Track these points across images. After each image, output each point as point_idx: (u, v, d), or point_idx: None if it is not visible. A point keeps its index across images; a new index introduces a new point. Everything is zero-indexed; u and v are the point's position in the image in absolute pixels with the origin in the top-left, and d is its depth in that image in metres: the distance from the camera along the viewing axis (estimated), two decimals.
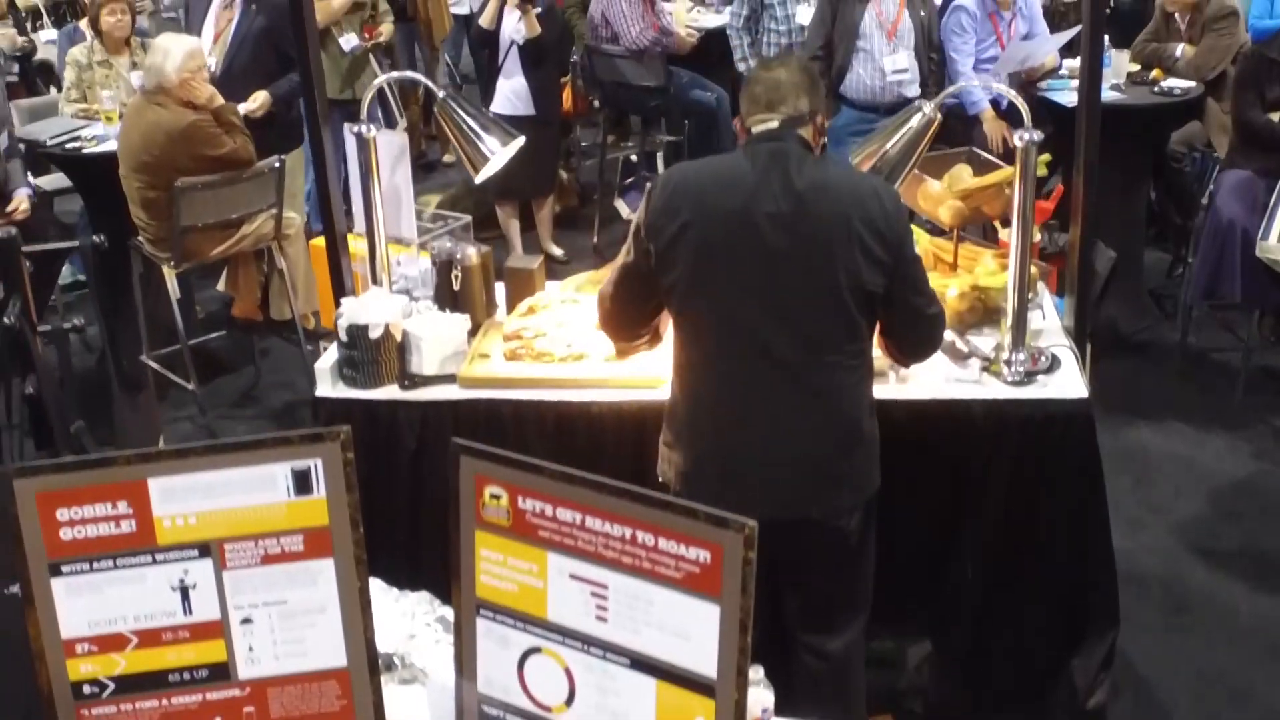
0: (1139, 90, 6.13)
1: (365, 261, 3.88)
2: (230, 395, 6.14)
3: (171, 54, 5.25)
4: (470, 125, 3.60)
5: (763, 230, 2.87)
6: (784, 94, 2.96)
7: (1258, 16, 6.86)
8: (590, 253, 7.64)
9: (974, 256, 3.88)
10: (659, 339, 3.11)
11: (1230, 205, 5.45)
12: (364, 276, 3.92)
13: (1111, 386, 5.81)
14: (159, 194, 5.31)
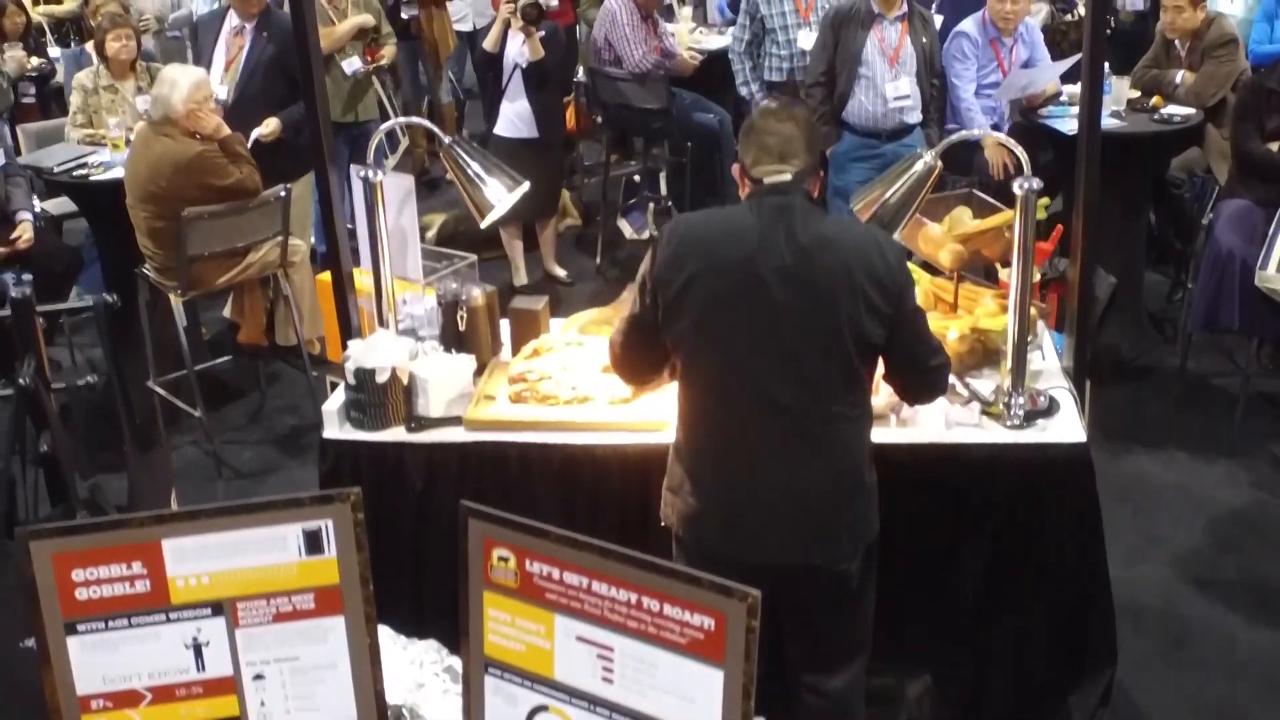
0: (1139, 117, 6.16)
1: (371, 297, 3.92)
2: (236, 420, 6.19)
3: (179, 85, 5.29)
4: (475, 171, 3.64)
5: (768, 283, 2.91)
6: (796, 147, 3.00)
7: (1258, 41, 6.90)
8: (594, 274, 7.68)
9: (974, 297, 3.91)
10: (673, 377, 3.14)
11: (1229, 235, 5.48)
12: (370, 313, 3.96)
13: (1112, 413, 5.87)
14: (166, 224, 5.35)
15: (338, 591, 2.48)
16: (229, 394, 6.37)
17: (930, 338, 3.08)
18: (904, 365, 3.06)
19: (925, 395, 3.22)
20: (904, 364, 3.05)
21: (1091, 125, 3.48)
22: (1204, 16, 6.33)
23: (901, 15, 6.15)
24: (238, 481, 5.69)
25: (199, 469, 5.77)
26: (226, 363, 6.29)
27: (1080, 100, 3.59)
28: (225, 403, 6.31)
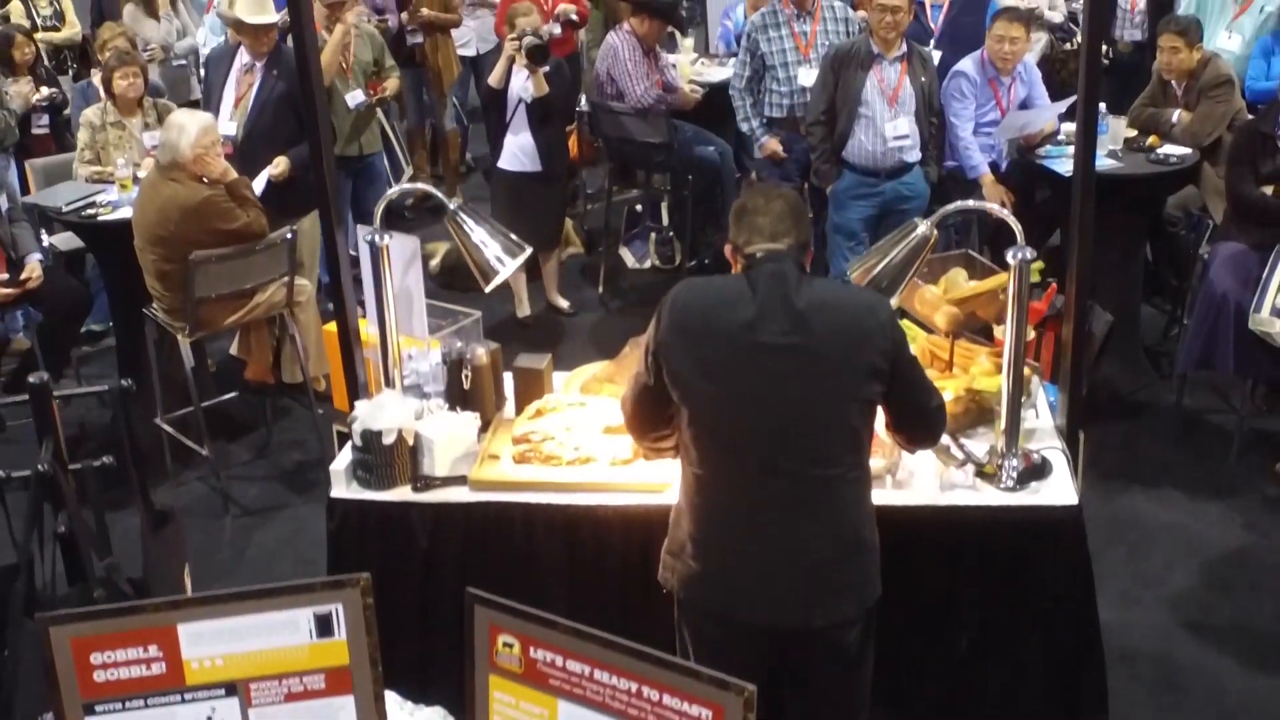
0: (1135, 157, 6.23)
1: (377, 348, 3.99)
2: (242, 455, 6.26)
3: (187, 130, 5.36)
4: (479, 238, 3.71)
5: (767, 349, 2.98)
6: (786, 225, 3.08)
7: (1254, 78, 6.96)
8: (596, 304, 7.75)
9: (970, 354, 3.99)
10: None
11: (1223, 278, 5.55)
12: (375, 364, 4.03)
13: (1108, 451, 5.94)
14: (174, 266, 5.43)
15: (347, 672, 2.56)
16: (235, 428, 6.44)
17: (925, 381, 3.18)
18: (905, 414, 3.16)
19: (928, 439, 3.31)
20: (905, 412, 3.16)
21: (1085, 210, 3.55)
22: (1200, 57, 6.39)
23: (901, 56, 6.22)
24: (244, 518, 5.77)
25: (206, 505, 5.85)
26: (233, 398, 6.35)
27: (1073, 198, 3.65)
28: (232, 437, 6.38)
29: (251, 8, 6.50)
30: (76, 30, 9.46)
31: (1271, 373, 5.67)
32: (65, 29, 9.34)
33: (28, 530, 2.67)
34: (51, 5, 9.36)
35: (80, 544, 2.74)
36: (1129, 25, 8.20)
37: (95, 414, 6.65)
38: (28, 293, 5.90)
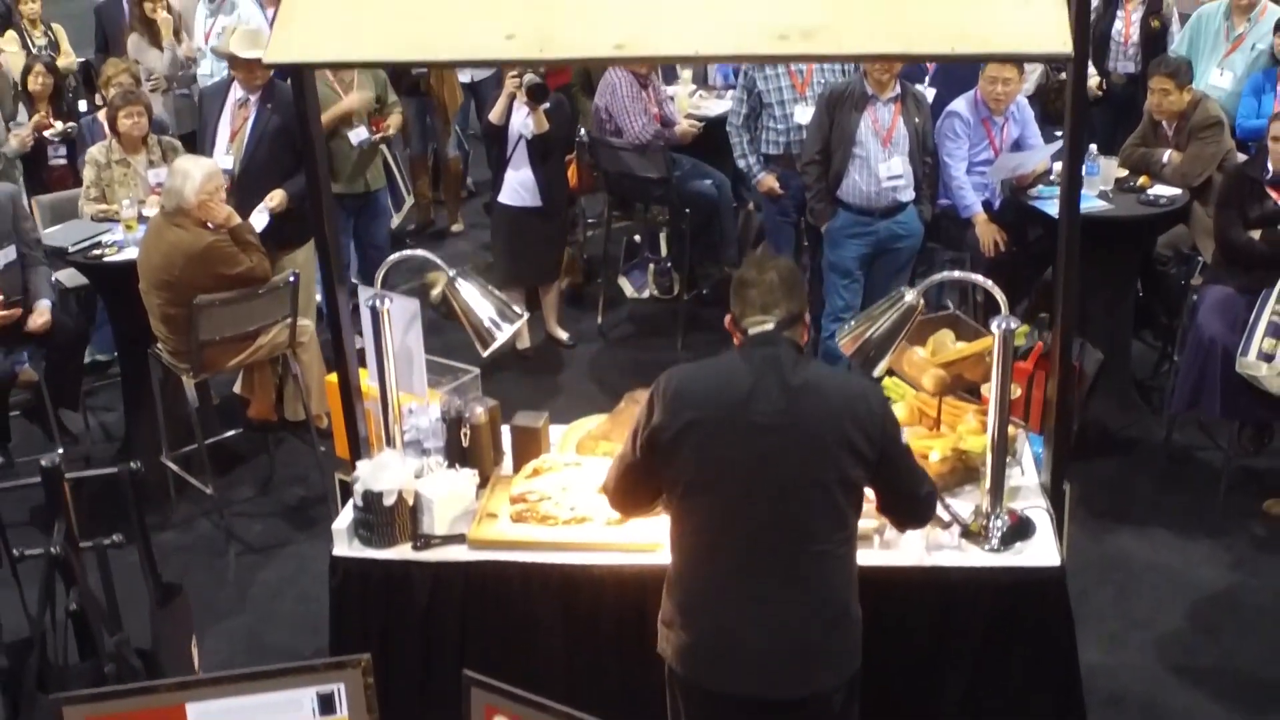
0: (1126, 198, 6.31)
1: (378, 400, 4.08)
2: (246, 490, 6.36)
3: (191, 177, 5.45)
4: (478, 304, 3.81)
5: (759, 430, 3.08)
6: (777, 298, 3.19)
7: (1245, 116, 7.04)
8: (595, 334, 7.84)
9: (957, 412, 4.08)
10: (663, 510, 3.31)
11: (1211, 322, 5.64)
12: (376, 415, 4.12)
13: (1098, 489, 6.04)
14: (178, 310, 5.52)
15: None
16: (239, 463, 6.53)
17: (916, 469, 3.27)
18: (894, 499, 3.26)
19: (917, 523, 3.44)
20: (894, 498, 3.25)
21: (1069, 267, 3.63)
22: (1190, 98, 6.47)
23: (895, 97, 6.31)
24: (247, 555, 5.86)
25: (209, 543, 5.94)
26: (237, 434, 6.45)
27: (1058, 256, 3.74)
28: (235, 473, 6.47)
29: (244, 42, 6.59)
30: (72, 60, 9.52)
31: (1258, 415, 5.76)
32: (61, 59, 9.38)
33: (41, 608, 2.77)
34: (46, 35, 9.43)
35: (91, 620, 2.84)
36: (1123, 58, 8.27)
37: (101, 448, 6.76)
38: (28, 333, 5.98)
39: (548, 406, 6.97)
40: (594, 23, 3.30)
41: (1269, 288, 5.52)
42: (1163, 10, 8.23)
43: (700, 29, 3.27)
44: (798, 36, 3.25)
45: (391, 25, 3.39)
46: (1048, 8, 3.23)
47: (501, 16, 3.34)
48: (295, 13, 3.45)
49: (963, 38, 3.21)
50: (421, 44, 3.38)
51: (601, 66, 7.59)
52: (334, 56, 3.52)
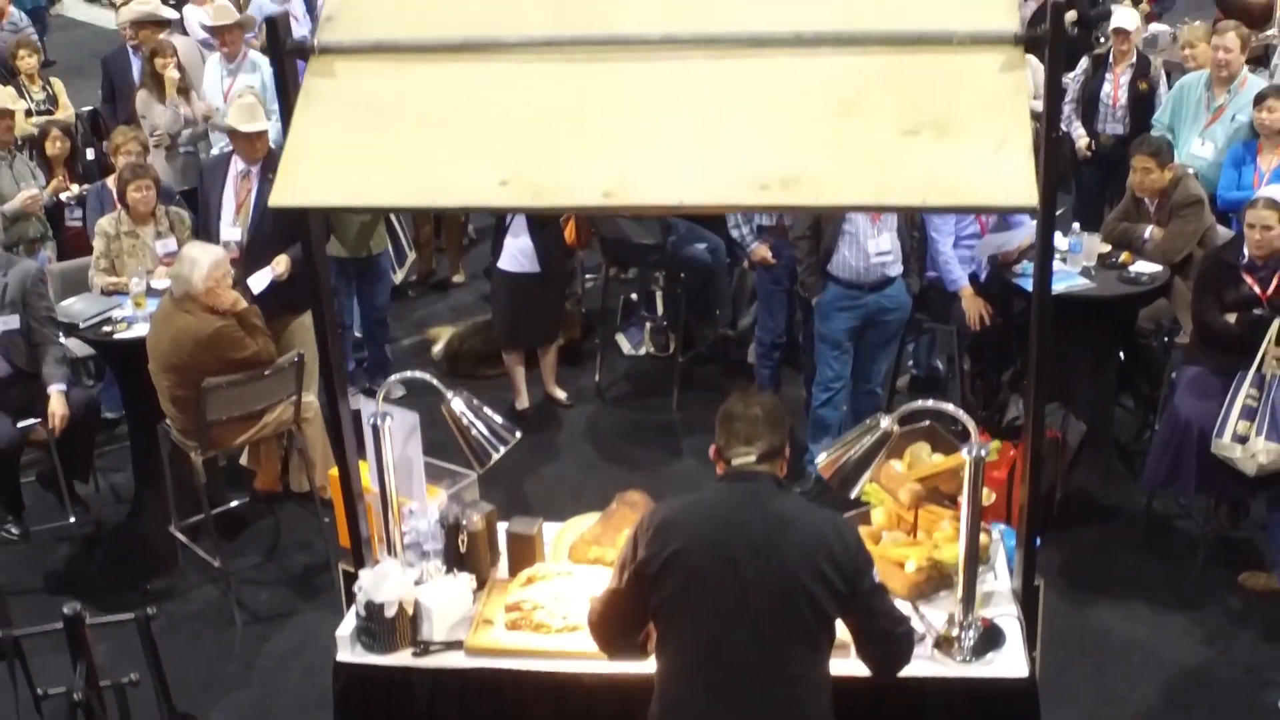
0: (1108, 276, 6.48)
1: (377, 496, 4.26)
2: (252, 556, 6.54)
3: (199, 264, 5.64)
4: (476, 427, 3.99)
5: (738, 561, 3.27)
6: (760, 431, 3.38)
7: (1226, 187, 7.20)
8: (593, 394, 8.01)
9: (934, 518, 4.25)
10: (647, 654, 3.49)
11: (1187, 403, 5.81)
12: (376, 509, 4.30)
13: (1079, 557, 6.24)
14: (187, 392, 5.71)
15: None
16: (245, 527, 6.72)
17: (891, 610, 3.43)
18: (870, 639, 3.42)
19: (895, 665, 3.51)
20: (869, 637, 3.41)
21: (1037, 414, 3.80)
22: (1171, 176, 6.65)
23: None
24: (254, 625, 6.05)
25: (217, 611, 6.13)
26: (244, 503, 6.63)
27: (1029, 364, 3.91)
28: (242, 536, 6.66)
29: (243, 116, 6.78)
30: (70, 113, 9.68)
31: (1233, 492, 5.94)
32: (59, 111, 9.57)
33: None
34: (44, 90, 9.59)
35: None
36: (1111, 120, 8.45)
37: (111, 511, 6.95)
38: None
39: (545, 470, 7.23)
40: (583, 171, 3.48)
41: (1244, 370, 5.70)
42: (1150, 73, 8.41)
43: (684, 178, 3.44)
44: (778, 186, 3.42)
45: (391, 170, 3.57)
46: (1015, 159, 3.39)
47: (497, 162, 3.52)
48: (299, 156, 3.63)
49: (934, 189, 3.38)
50: (420, 189, 3.56)
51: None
52: (337, 201, 3.70)
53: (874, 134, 3.47)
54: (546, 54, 3.70)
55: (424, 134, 3.62)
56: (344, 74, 3.77)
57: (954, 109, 3.49)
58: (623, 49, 3.68)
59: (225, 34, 8.85)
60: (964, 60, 3.58)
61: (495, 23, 3.76)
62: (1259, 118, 7.05)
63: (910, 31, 3.60)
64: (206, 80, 8.92)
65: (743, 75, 3.62)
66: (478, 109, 3.65)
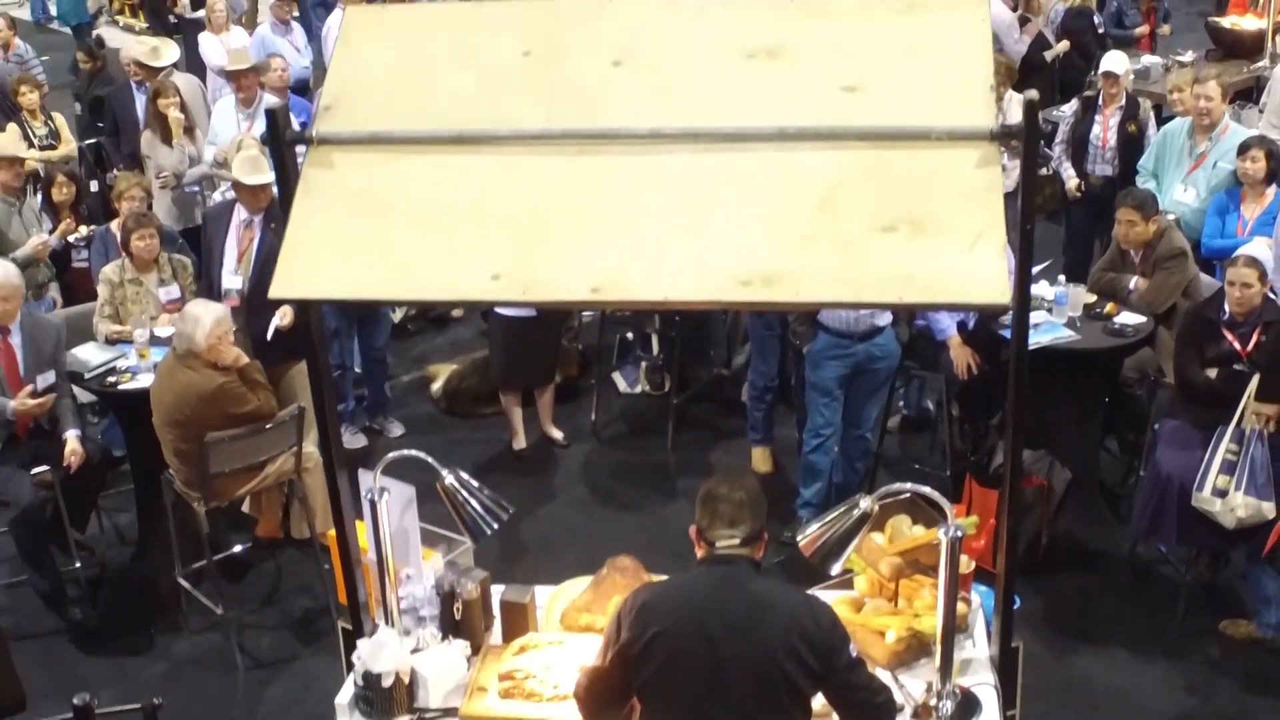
0: (1093, 327, 6.61)
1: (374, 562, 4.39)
2: (253, 601, 6.67)
3: (202, 322, 5.77)
4: (470, 505, 4.11)
5: (717, 641, 3.41)
6: (743, 516, 3.52)
7: (1210, 235, 7.33)
8: (589, 434, 8.14)
9: (916, 585, 4.38)
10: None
11: (1169, 457, 5.94)
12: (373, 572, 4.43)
13: (1064, 604, 6.38)
14: (190, 446, 5.85)
15: None
16: (248, 570, 6.85)
17: (870, 681, 3.58)
18: (850, 710, 3.56)
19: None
20: (850, 709, 3.55)
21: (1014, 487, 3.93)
22: (1155, 228, 6.77)
23: None
24: (256, 671, 6.19)
25: (219, 656, 6.26)
26: (246, 549, 6.76)
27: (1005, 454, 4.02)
28: (245, 579, 6.80)
29: (247, 168, 6.92)
30: (72, 147, 9.81)
31: (1213, 543, 6.06)
32: (62, 146, 9.70)
33: None
34: (47, 125, 9.72)
35: None
36: (1100, 161, 8.56)
37: (116, 553, 7.09)
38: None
39: (541, 512, 7.36)
40: (572, 266, 3.61)
41: (1224, 424, 5.84)
42: (1139, 116, 8.54)
43: (669, 275, 3.57)
44: (759, 283, 3.55)
45: (387, 263, 3.69)
46: (989, 257, 3.51)
47: (489, 256, 3.64)
48: (299, 248, 3.77)
49: (909, 287, 3.50)
50: (415, 284, 3.69)
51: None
52: (335, 294, 3.83)
53: (853, 230, 3.59)
54: (538, 147, 3.82)
55: (419, 227, 3.75)
56: (341, 165, 3.90)
57: (931, 205, 3.61)
58: (612, 142, 3.80)
59: (241, 78, 8.98)
60: (941, 156, 3.70)
61: (489, 115, 3.88)
62: (1242, 167, 7.17)
63: (890, 128, 3.72)
64: (221, 124, 8.96)
65: (727, 170, 3.74)
66: (471, 202, 3.77)
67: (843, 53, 3.89)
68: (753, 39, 3.93)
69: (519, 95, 3.90)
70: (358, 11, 4.27)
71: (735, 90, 3.84)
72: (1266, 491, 5.67)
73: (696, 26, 4.00)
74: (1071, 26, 11.45)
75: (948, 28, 3.92)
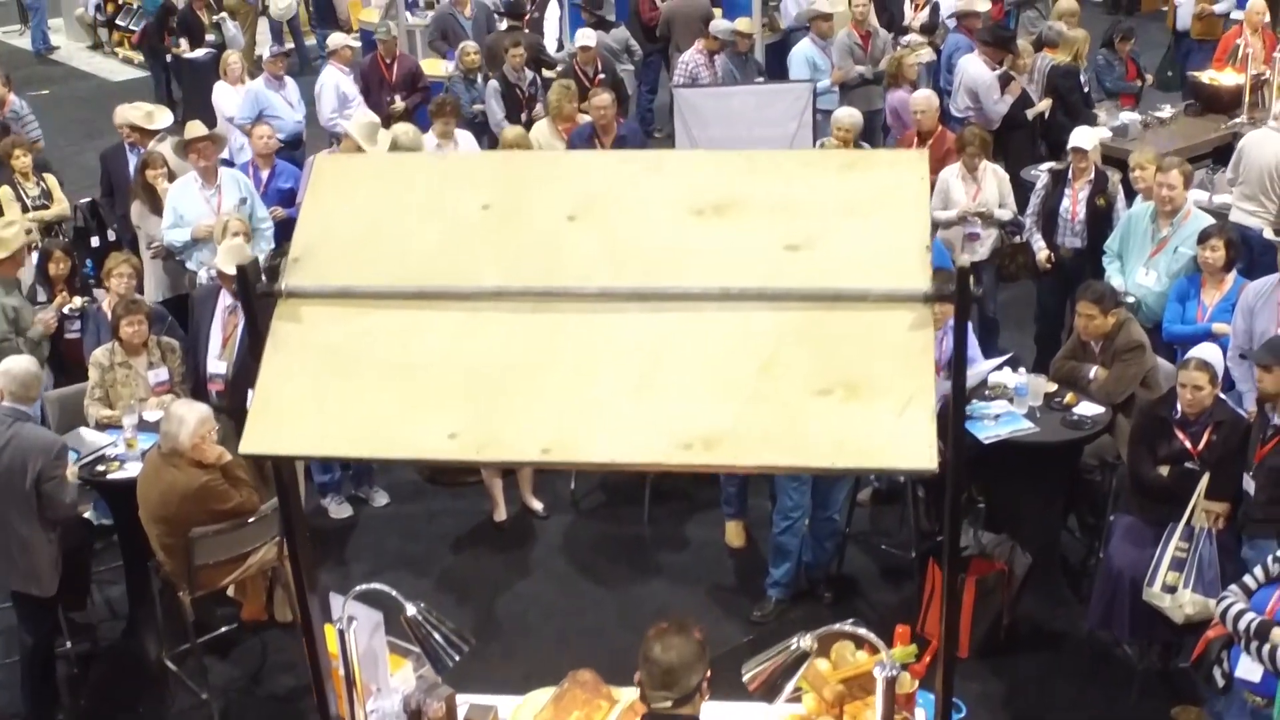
0: (1052, 419, 6.78)
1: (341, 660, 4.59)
2: (239, 679, 6.89)
3: (186, 422, 5.98)
4: (433, 637, 4.31)
5: None
6: (676, 678, 3.74)
7: (1170, 321, 7.50)
8: (568, 505, 8.34)
9: (861, 706, 4.58)
10: None
11: (1121, 552, 6.15)
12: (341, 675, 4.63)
13: (1023, 686, 6.60)
14: (175, 540, 6.06)
15: None
16: (234, 647, 7.05)
17: None
18: None
19: None
20: None
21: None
22: (1114, 321, 6.96)
23: None
24: None
25: None
26: (232, 629, 6.97)
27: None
28: (230, 657, 7.00)
29: (229, 259, 7.14)
30: (65, 206, 9.90)
31: (1165, 636, 6.26)
32: (55, 206, 9.83)
33: None
34: (39, 185, 9.83)
35: None
36: (1069, 234, 8.74)
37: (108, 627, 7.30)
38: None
39: (519, 586, 7.56)
40: (524, 426, 3.80)
41: (1175, 521, 6.04)
42: (1108, 190, 8.72)
43: (615, 437, 3.76)
44: (700, 446, 3.75)
45: (351, 420, 3.88)
46: (918, 422, 3.71)
47: (447, 415, 3.83)
48: (268, 403, 3.95)
49: (842, 452, 3.69)
50: (378, 441, 3.87)
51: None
52: (302, 450, 4.01)
53: (791, 393, 3.78)
54: (496, 304, 4.01)
55: (382, 383, 3.94)
56: (309, 319, 4.08)
57: (865, 367, 3.81)
58: (564, 300, 4.00)
59: (201, 148, 8.76)
60: (877, 318, 3.90)
61: (451, 270, 4.07)
62: (1202, 256, 7.34)
63: (829, 289, 3.90)
64: (186, 205, 8.77)
65: (674, 329, 3.93)
66: (432, 358, 3.96)
67: (788, 210, 4.07)
68: (702, 196, 4.12)
69: (479, 249, 4.09)
70: (327, 160, 4.46)
71: (683, 248, 4.03)
72: (1214, 589, 5.86)
73: (649, 182, 4.18)
74: (1058, 84, 11.43)
75: (888, 186, 4.10)
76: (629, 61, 13.25)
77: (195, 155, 8.85)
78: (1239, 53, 12.05)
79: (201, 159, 8.85)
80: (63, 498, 6.23)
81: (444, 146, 10.16)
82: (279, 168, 9.71)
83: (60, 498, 6.20)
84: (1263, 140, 9.29)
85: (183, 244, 8.75)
